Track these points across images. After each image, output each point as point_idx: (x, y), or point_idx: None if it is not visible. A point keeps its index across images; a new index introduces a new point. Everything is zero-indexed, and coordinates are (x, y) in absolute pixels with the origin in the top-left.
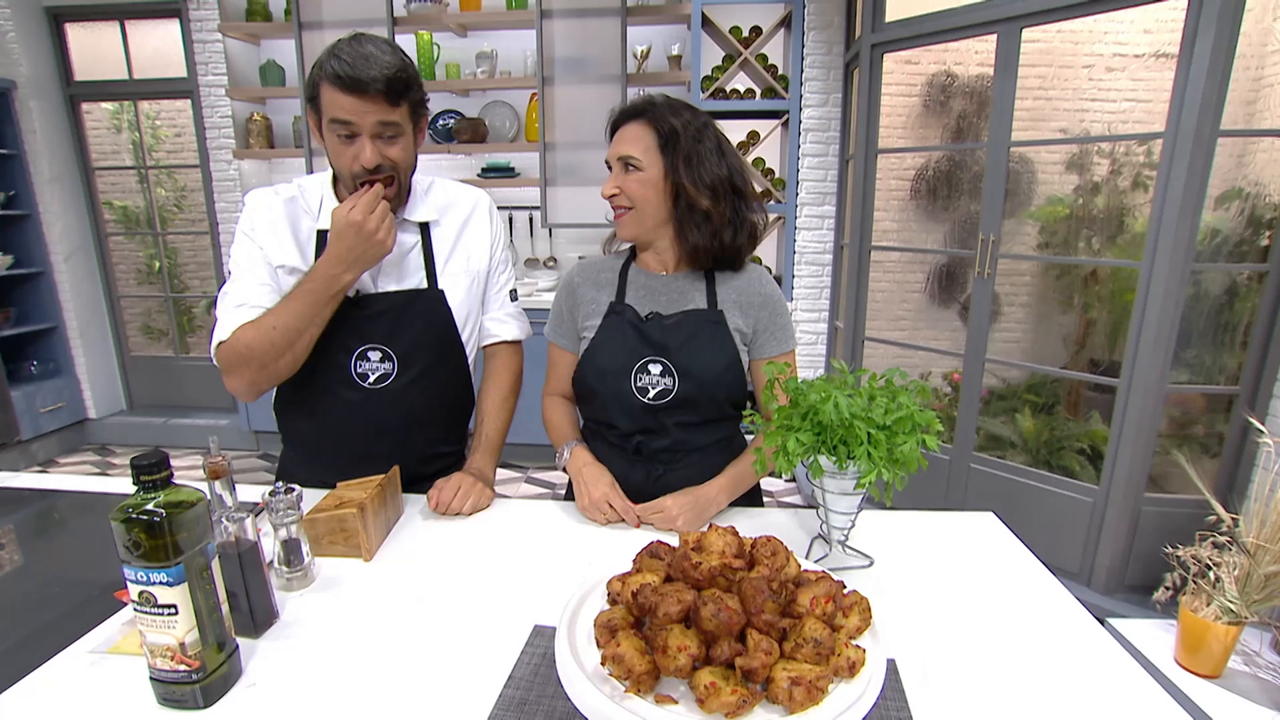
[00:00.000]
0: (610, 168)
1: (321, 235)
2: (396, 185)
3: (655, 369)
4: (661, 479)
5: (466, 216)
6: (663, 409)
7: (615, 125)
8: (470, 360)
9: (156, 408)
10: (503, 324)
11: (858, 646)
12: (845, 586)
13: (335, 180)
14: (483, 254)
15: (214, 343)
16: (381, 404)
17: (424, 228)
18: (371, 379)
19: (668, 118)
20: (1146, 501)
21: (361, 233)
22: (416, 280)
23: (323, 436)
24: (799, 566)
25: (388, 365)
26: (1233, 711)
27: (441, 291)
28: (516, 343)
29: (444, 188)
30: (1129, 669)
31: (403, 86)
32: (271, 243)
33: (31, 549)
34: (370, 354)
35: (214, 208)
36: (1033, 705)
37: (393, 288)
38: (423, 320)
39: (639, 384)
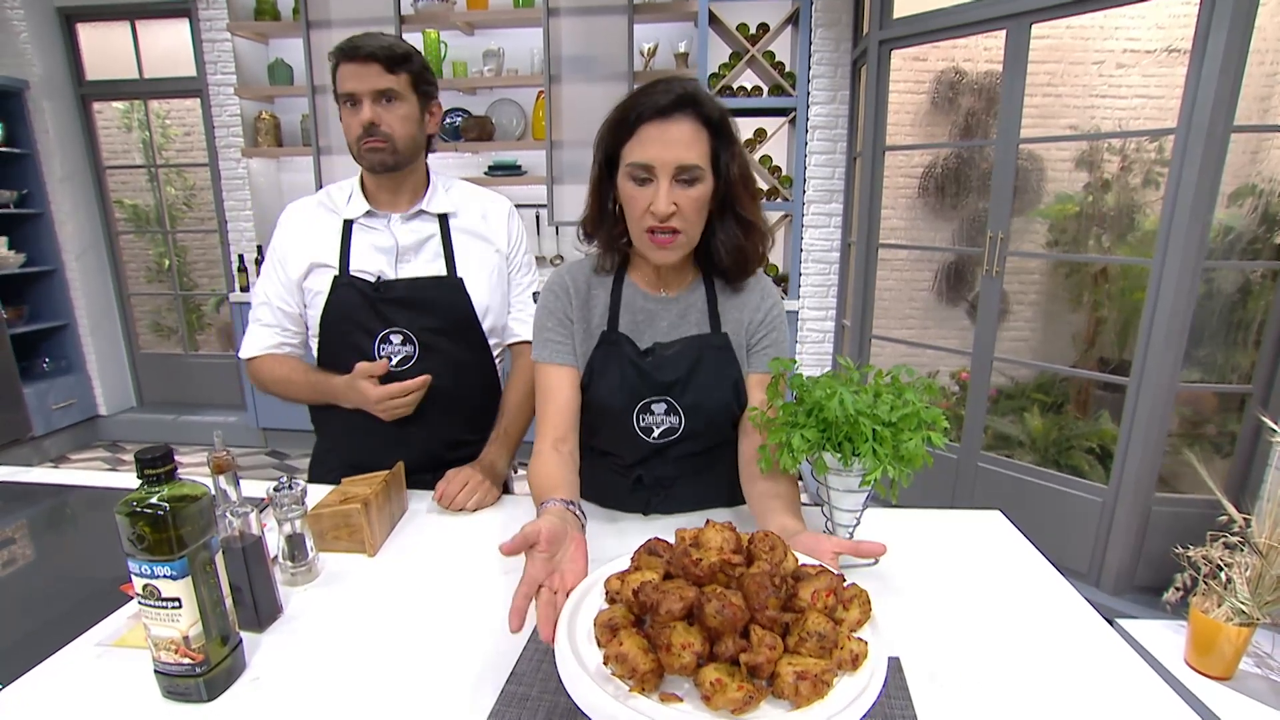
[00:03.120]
0: (646, 173)
1: (347, 225)
2: (393, 151)
3: (659, 408)
4: (655, 506)
5: (484, 211)
6: (667, 445)
7: (649, 117)
8: (495, 353)
9: (166, 404)
10: (525, 324)
11: (860, 639)
12: (845, 580)
13: (363, 181)
14: (500, 244)
15: (241, 349)
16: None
17: (443, 219)
18: (394, 361)
19: (715, 106)
20: (1157, 501)
21: (371, 405)
22: (436, 269)
23: (350, 419)
24: (797, 560)
25: (409, 348)
26: (1244, 714)
27: (460, 280)
28: None
29: (464, 188)
30: (1138, 669)
31: (401, 56)
32: (302, 247)
33: (43, 544)
34: (392, 337)
35: (223, 206)
36: (1040, 706)
37: (412, 274)
38: (442, 306)
39: (642, 424)
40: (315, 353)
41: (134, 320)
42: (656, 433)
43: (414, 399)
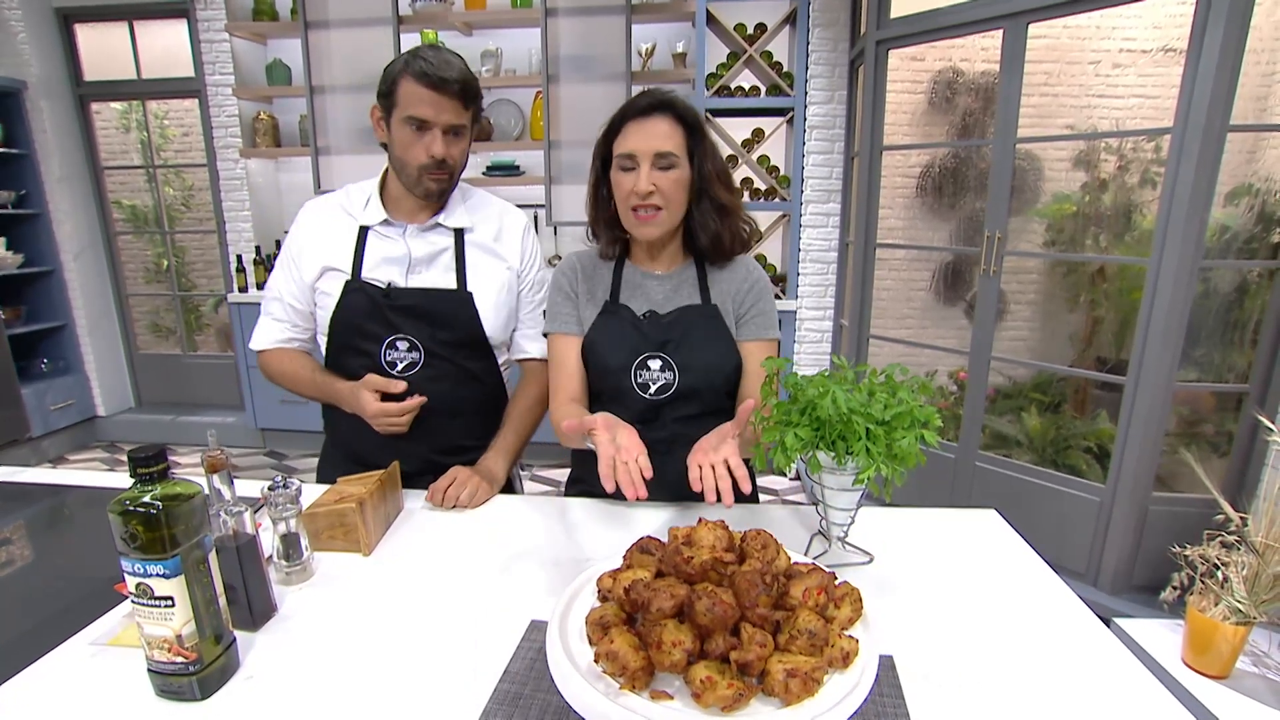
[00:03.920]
0: (631, 161)
1: (363, 231)
2: (451, 180)
3: (655, 364)
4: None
5: (500, 227)
6: (664, 403)
7: (632, 116)
8: (502, 365)
9: (165, 405)
10: (535, 341)
11: (850, 637)
12: (836, 578)
13: (383, 186)
14: (513, 262)
15: (251, 340)
16: (410, 391)
17: (458, 234)
18: (400, 367)
19: (689, 109)
20: (1154, 501)
21: (367, 417)
22: (446, 281)
23: (357, 418)
24: (789, 559)
25: (415, 355)
26: (1241, 713)
27: (470, 294)
28: (546, 360)
29: (482, 199)
30: (1133, 669)
31: (474, 93)
32: (316, 249)
33: (40, 544)
34: (399, 343)
35: (221, 206)
36: (1035, 705)
37: (423, 285)
38: (450, 318)
39: (639, 380)
40: (323, 350)
41: (132, 321)
42: (653, 388)
43: (408, 419)
